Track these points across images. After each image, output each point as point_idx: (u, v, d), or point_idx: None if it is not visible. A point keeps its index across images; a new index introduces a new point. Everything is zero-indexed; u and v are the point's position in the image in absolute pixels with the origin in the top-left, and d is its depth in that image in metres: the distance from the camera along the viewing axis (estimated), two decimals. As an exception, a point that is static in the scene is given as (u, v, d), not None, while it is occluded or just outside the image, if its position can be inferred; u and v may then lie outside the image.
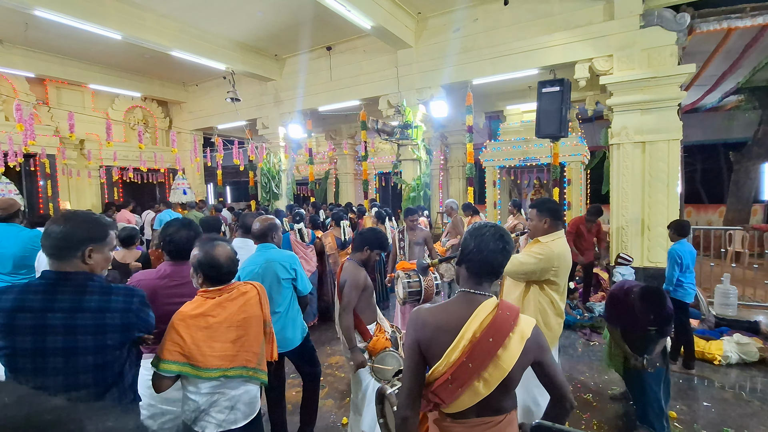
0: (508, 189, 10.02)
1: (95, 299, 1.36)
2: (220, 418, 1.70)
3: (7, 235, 3.12)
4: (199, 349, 1.63)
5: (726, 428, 2.95)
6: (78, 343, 1.31)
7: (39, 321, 1.28)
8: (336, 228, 5.45)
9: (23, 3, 5.24)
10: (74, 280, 1.35)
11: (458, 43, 6.59)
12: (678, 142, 5.19)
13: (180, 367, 1.61)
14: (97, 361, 1.35)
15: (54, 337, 1.29)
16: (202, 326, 1.66)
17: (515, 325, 1.24)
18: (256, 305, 1.83)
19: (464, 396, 1.21)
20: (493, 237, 1.29)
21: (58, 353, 1.29)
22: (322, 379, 3.79)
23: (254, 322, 1.80)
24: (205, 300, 1.72)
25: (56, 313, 1.30)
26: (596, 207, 5.54)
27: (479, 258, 1.29)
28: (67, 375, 1.31)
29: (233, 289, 1.78)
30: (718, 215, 11.72)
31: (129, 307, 1.43)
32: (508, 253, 1.30)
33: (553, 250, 2.34)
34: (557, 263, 2.33)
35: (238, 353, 1.72)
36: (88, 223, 1.41)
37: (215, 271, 1.73)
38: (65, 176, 9.08)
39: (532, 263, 2.34)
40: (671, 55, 5.08)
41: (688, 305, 3.91)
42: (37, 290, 1.32)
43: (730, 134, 11.28)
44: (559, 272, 2.36)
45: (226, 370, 1.68)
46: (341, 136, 12.58)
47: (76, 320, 1.31)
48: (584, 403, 3.34)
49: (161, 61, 8.31)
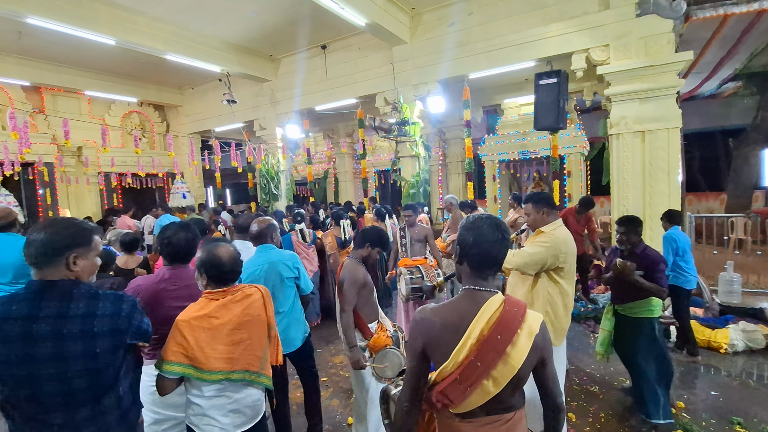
0: (507, 183, 9.99)
1: (82, 306, 1.34)
2: (224, 422, 1.68)
3: (5, 244, 3.10)
4: (202, 351, 1.62)
5: (734, 416, 2.93)
6: (67, 350, 1.30)
7: (26, 329, 1.27)
8: (336, 227, 5.44)
9: (15, 11, 5.20)
10: (60, 287, 1.34)
11: (453, 37, 6.55)
12: (678, 130, 5.16)
13: (183, 368, 1.60)
14: (89, 367, 1.34)
15: (44, 344, 1.28)
16: (205, 327, 1.65)
17: (523, 321, 1.22)
18: (260, 308, 1.82)
19: (474, 395, 1.19)
20: (489, 227, 1.27)
21: (48, 360, 1.29)
22: (326, 379, 3.79)
23: (258, 325, 1.79)
24: (209, 301, 1.71)
25: (41, 322, 1.29)
26: (587, 199, 5.51)
27: (478, 251, 1.27)
28: (61, 381, 1.30)
29: (237, 291, 1.77)
30: (719, 203, 11.69)
31: (118, 312, 1.41)
32: (506, 242, 1.28)
33: (557, 237, 2.39)
34: (564, 248, 2.38)
35: (241, 356, 1.70)
36: (69, 228, 1.38)
37: (217, 271, 1.72)
38: (64, 184, 9.06)
39: (542, 251, 2.35)
40: (668, 43, 5.04)
41: (689, 292, 3.93)
42: (22, 299, 1.31)
43: (729, 121, 11.24)
44: (567, 258, 2.39)
45: (228, 373, 1.66)
46: (339, 135, 12.55)
47: (63, 327, 1.30)
48: (590, 395, 3.33)
49: (156, 65, 8.28)
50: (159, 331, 1.77)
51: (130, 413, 1.49)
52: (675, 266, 3.83)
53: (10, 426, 1.34)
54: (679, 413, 3.02)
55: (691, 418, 2.94)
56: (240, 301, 1.75)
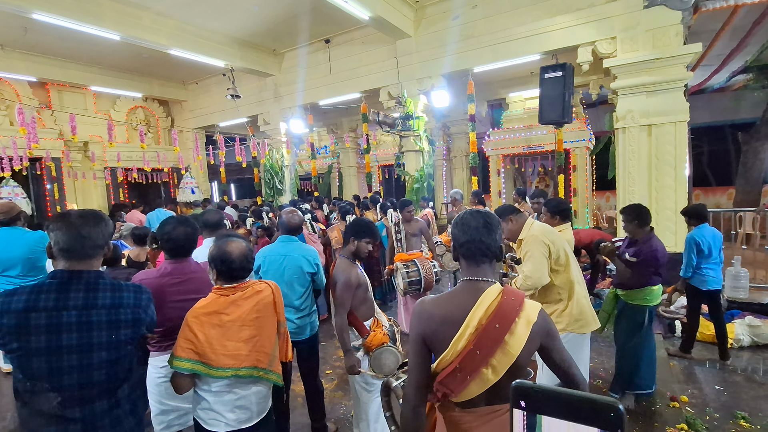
0: (512, 177, 9.94)
1: (108, 296, 1.39)
2: (229, 417, 1.69)
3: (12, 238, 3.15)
4: (212, 348, 1.63)
5: (739, 411, 2.92)
6: (93, 339, 1.34)
7: (54, 320, 1.29)
8: (342, 222, 5.45)
9: (21, 7, 5.23)
10: (86, 278, 1.37)
11: (458, 30, 6.48)
12: (685, 124, 5.09)
13: (193, 364, 1.61)
14: (111, 357, 1.37)
15: (69, 335, 1.30)
16: (215, 324, 1.65)
17: (521, 310, 1.23)
18: (270, 305, 1.81)
19: (473, 384, 1.21)
20: (472, 217, 1.34)
21: (73, 351, 1.31)
22: (330, 372, 3.82)
23: (268, 322, 1.78)
24: (219, 297, 1.70)
25: (71, 311, 1.31)
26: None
27: (466, 240, 1.31)
28: (81, 372, 1.32)
29: (248, 287, 1.76)
30: (727, 198, 11.54)
31: (138, 303, 1.46)
32: (490, 226, 1.32)
33: (535, 234, 2.46)
34: (546, 239, 2.42)
35: (250, 353, 1.70)
36: (106, 221, 1.46)
37: (226, 267, 1.72)
38: (71, 179, 9.15)
39: (536, 256, 2.40)
40: (676, 35, 4.95)
41: (705, 292, 3.69)
42: (50, 289, 1.33)
43: (738, 115, 11.05)
44: (555, 244, 2.44)
45: (237, 370, 1.66)
46: (343, 130, 12.52)
47: (91, 317, 1.34)
48: (595, 390, 3.33)
49: (160, 60, 8.29)
50: (163, 324, 1.79)
51: (139, 405, 1.52)
52: (697, 267, 3.67)
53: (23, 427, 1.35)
54: (683, 407, 3.01)
55: (695, 413, 2.93)
56: (250, 297, 1.74)
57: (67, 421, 1.31)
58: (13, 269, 3.19)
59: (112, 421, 1.39)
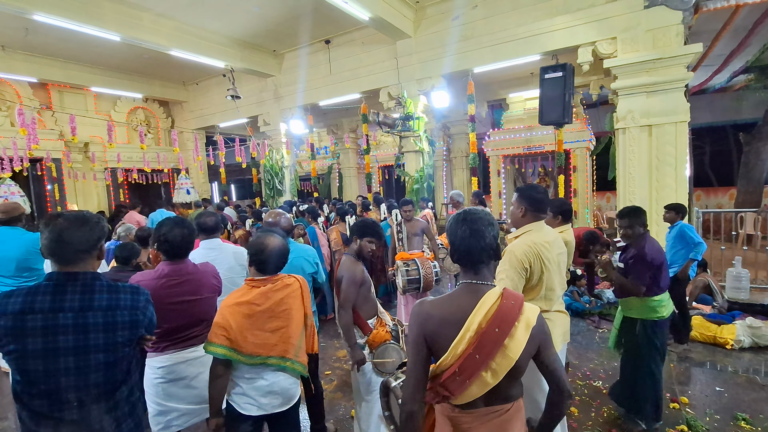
0: (512, 178, 9.93)
1: (105, 297, 1.38)
2: (262, 402, 1.80)
3: (10, 238, 3.14)
4: (243, 336, 1.72)
5: (739, 413, 2.91)
6: (90, 341, 1.33)
7: (50, 322, 1.29)
8: (341, 223, 5.45)
9: (22, 8, 5.24)
10: (82, 279, 1.36)
11: (458, 31, 6.48)
12: (686, 124, 5.08)
13: (224, 350, 1.70)
14: (108, 359, 1.37)
15: (65, 337, 1.30)
16: (246, 313, 1.74)
17: (520, 314, 1.23)
18: (298, 297, 1.90)
19: (473, 387, 1.21)
20: (463, 220, 1.33)
21: (69, 353, 1.30)
22: (329, 373, 3.81)
23: (295, 314, 1.87)
24: (251, 289, 1.80)
25: (67, 313, 1.31)
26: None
27: (459, 242, 1.31)
28: (78, 374, 1.31)
29: (278, 280, 1.85)
30: (728, 198, 11.51)
31: (136, 305, 1.45)
32: (480, 232, 1.28)
33: (513, 250, 2.02)
34: (527, 259, 1.98)
35: (277, 343, 1.80)
36: (100, 221, 1.44)
37: (258, 259, 1.81)
38: (71, 179, 9.16)
39: (511, 276, 2.00)
40: (677, 35, 4.94)
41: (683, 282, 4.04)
42: (45, 291, 1.32)
43: (740, 115, 11.02)
44: (535, 265, 2.00)
45: (265, 359, 1.77)
46: (343, 131, 12.52)
47: (87, 318, 1.33)
48: (594, 391, 3.32)
49: (160, 61, 8.30)
50: (160, 325, 1.79)
51: (137, 407, 1.52)
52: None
53: (23, 429, 1.34)
54: (683, 409, 3.00)
55: (695, 414, 2.92)
56: (280, 290, 1.83)
57: (66, 423, 1.31)
58: (5, 269, 3.17)
59: (111, 422, 1.39)
